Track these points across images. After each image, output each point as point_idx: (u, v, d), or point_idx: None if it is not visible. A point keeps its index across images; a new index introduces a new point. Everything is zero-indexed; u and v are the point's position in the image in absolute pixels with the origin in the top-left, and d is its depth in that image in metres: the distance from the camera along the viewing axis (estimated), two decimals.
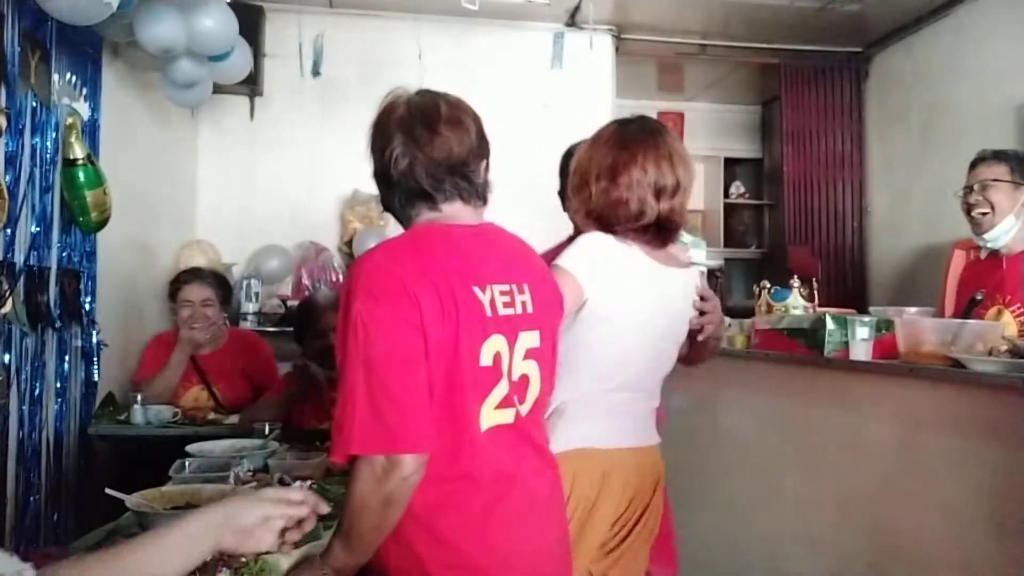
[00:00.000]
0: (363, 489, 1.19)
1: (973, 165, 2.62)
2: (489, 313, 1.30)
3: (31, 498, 2.48)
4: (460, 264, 1.30)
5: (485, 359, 1.29)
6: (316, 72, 3.76)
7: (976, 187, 2.56)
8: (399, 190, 1.36)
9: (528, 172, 3.66)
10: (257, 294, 4.04)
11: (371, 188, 1.42)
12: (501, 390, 1.32)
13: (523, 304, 1.37)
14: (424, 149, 1.33)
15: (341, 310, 1.25)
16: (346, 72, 4.25)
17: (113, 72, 3.14)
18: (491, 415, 1.31)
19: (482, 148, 1.40)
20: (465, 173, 1.36)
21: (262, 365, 3.17)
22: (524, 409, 1.37)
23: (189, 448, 2.11)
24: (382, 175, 1.38)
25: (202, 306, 3.01)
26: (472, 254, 1.33)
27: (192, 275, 3.11)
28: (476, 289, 1.30)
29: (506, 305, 1.33)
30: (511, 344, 1.33)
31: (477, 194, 1.39)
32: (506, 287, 1.35)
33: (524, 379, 1.37)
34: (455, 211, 1.37)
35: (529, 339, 1.37)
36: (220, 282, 3.16)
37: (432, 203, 1.36)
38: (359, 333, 1.20)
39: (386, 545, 1.25)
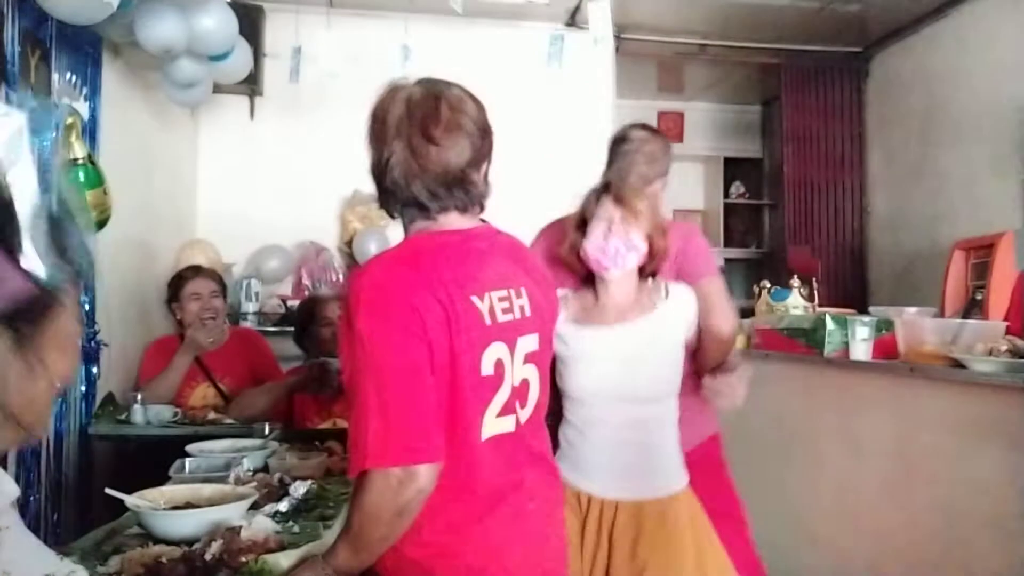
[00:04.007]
0: (377, 501, 1.19)
1: None
2: (488, 322, 1.29)
3: (31, 498, 2.48)
4: (458, 274, 1.27)
5: (486, 368, 1.28)
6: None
7: None
8: (392, 196, 1.34)
9: (528, 172, 3.66)
10: (257, 294, 4.03)
11: (371, 188, 1.41)
12: (502, 396, 1.31)
13: (521, 308, 1.36)
14: (420, 161, 1.29)
15: (344, 327, 1.24)
16: (347, 72, 4.24)
17: (113, 72, 3.13)
18: (493, 424, 1.30)
19: (483, 150, 1.35)
20: (462, 185, 1.32)
21: (265, 361, 3.17)
22: (524, 415, 1.36)
23: (189, 448, 2.11)
24: (376, 175, 1.35)
25: (211, 297, 3.01)
26: (469, 263, 1.31)
27: (193, 271, 3.12)
28: (475, 299, 1.28)
29: (505, 311, 1.32)
30: (511, 350, 1.33)
31: (474, 203, 1.36)
32: (504, 292, 1.33)
33: (525, 384, 1.36)
34: (450, 220, 1.34)
35: (528, 343, 1.37)
36: (218, 277, 3.18)
37: (426, 212, 1.33)
38: (366, 349, 1.20)
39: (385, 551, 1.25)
